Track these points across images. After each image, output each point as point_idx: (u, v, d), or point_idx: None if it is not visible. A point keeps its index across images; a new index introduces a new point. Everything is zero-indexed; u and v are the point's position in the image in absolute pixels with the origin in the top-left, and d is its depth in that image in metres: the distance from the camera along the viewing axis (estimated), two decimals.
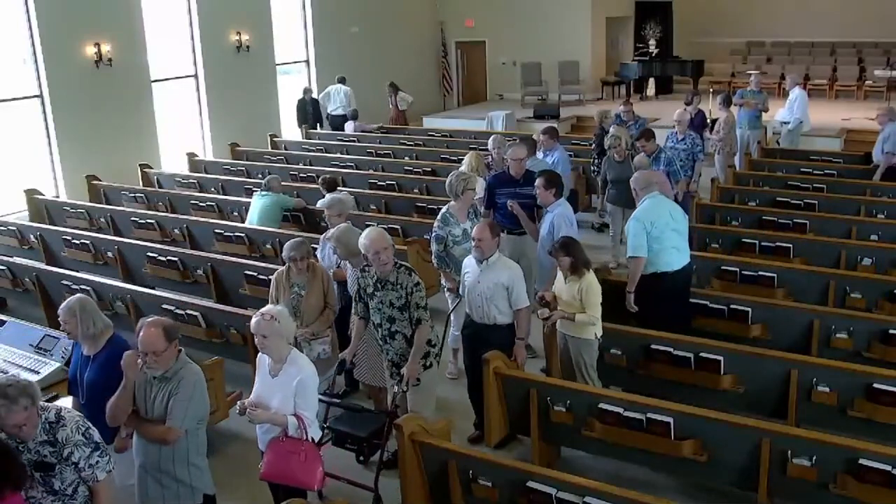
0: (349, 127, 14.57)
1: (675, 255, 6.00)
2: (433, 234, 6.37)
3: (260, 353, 4.30)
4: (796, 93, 12.01)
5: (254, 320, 4.15)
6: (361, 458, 5.31)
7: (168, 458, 3.90)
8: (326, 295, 5.68)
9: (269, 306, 4.28)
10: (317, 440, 4.27)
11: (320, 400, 4.75)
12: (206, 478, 4.06)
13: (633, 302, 5.91)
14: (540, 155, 8.54)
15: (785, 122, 12.25)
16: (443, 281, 6.52)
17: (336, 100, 14.96)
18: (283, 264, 5.80)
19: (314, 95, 15.34)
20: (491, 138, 8.77)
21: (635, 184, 6.25)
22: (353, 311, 5.29)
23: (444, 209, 6.41)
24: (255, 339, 4.17)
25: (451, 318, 6.46)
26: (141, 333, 3.80)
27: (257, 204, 8.74)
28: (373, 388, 5.72)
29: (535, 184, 6.44)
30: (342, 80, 15.02)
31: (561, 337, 5.55)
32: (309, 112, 14.99)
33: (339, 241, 5.76)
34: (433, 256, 6.46)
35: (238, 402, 4.34)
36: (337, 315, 5.81)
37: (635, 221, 5.95)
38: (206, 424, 4.04)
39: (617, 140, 8.74)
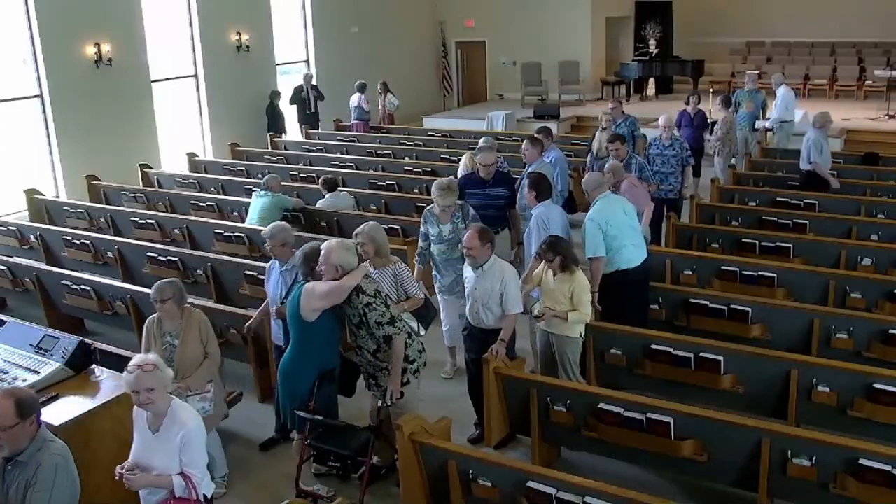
0: (354, 99, 14.75)
1: (634, 252, 6.10)
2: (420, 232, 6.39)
3: (135, 408, 3.71)
4: (781, 92, 11.97)
5: (131, 375, 3.54)
6: (342, 473, 5.07)
7: None
8: (206, 343, 4.92)
9: (141, 355, 3.74)
10: (209, 497, 3.83)
11: (302, 417, 4.67)
12: None
13: (598, 301, 5.96)
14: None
15: (777, 122, 12.08)
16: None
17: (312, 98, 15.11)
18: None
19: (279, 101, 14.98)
20: (482, 140, 8.71)
21: (586, 186, 6.31)
22: None
23: (427, 207, 6.46)
24: (138, 397, 3.55)
25: (441, 316, 6.45)
26: None
27: (257, 204, 8.73)
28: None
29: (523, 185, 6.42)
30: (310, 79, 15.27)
31: (542, 335, 5.57)
32: (280, 116, 14.81)
33: (271, 238, 5.39)
34: (416, 253, 6.52)
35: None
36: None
37: (590, 222, 5.98)
38: None
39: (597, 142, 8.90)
